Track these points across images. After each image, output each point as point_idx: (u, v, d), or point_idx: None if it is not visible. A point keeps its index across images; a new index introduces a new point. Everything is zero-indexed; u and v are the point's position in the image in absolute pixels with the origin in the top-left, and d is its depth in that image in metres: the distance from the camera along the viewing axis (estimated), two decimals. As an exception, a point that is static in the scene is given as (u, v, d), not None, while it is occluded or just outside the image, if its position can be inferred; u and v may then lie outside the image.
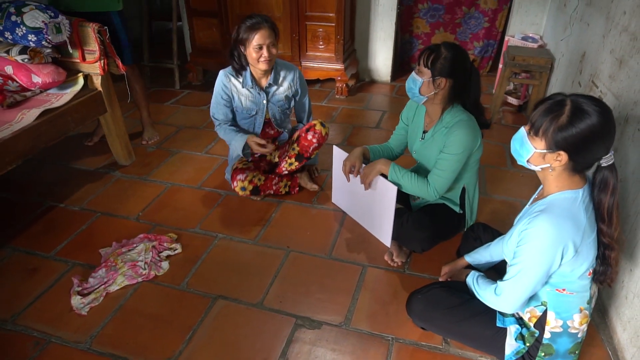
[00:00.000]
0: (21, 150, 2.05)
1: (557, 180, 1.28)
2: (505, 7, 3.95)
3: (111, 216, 2.32)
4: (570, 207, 1.24)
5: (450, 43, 1.74)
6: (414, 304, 1.59)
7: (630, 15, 1.87)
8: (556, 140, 1.18)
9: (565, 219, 1.22)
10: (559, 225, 1.21)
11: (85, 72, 2.40)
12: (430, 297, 1.57)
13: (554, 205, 1.26)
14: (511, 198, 2.46)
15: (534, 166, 1.29)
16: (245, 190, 2.29)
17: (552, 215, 1.23)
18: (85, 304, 1.79)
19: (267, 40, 2.08)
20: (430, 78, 1.73)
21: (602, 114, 1.15)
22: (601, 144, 1.19)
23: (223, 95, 2.25)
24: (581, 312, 1.35)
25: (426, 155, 1.93)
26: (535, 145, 1.24)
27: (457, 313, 1.50)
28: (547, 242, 1.22)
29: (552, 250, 1.22)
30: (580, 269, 1.27)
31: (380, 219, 2.07)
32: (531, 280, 1.28)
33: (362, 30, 3.98)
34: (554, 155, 1.21)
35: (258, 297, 1.85)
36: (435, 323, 1.56)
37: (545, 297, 1.36)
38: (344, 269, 2.00)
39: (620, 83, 1.86)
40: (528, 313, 1.41)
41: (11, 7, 2.08)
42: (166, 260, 2.02)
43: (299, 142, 2.35)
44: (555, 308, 1.35)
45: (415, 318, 1.61)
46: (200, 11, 3.71)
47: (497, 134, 3.17)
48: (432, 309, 1.54)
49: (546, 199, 1.30)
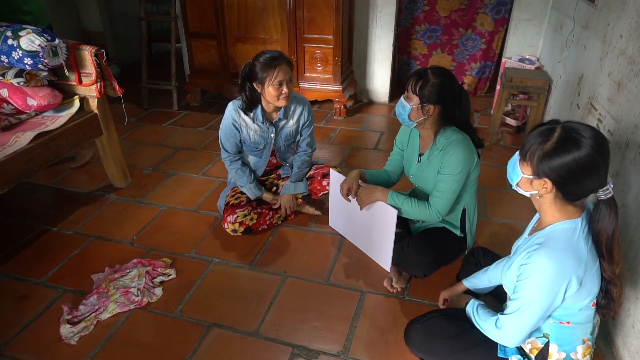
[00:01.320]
0: (14, 174, 2.02)
1: (552, 209, 1.23)
2: (501, 29, 3.99)
3: (105, 240, 2.28)
4: (570, 239, 1.19)
5: (437, 68, 1.73)
6: (413, 334, 1.54)
7: (627, 39, 1.87)
8: (541, 168, 1.14)
9: (566, 253, 1.16)
10: (560, 260, 1.16)
11: (82, 94, 2.39)
12: (429, 326, 1.52)
13: (553, 238, 1.20)
14: (511, 220, 2.43)
15: (523, 191, 1.25)
16: (237, 232, 2.24)
17: (552, 250, 1.17)
18: (74, 332, 1.73)
19: (286, 76, 2.04)
20: (419, 105, 1.72)
21: (593, 146, 1.09)
22: (588, 178, 1.12)
23: (232, 129, 2.20)
24: (584, 344, 1.30)
25: (423, 178, 1.90)
26: (523, 170, 1.20)
27: (457, 343, 1.45)
28: (548, 278, 1.17)
29: (555, 287, 1.17)
30: (583, 302, 1.22)
31: (379, 243, 2.03)
32: (533, 316, 1.23)
33: (360, 52, 4.01)
34: (540, 182, 1.17)
35: (253, 325, 1.79)
36: (434, 353, 1.51)
37: (548, 329, 1.31)
38: (342, 295, 1.95)
39: (620, 106, 1.85)
40: (529, 344, 1.36)
41: (8, 31, 2.08)
42: (160, 286, 1.97)
43: (311, 182, 2.35)
44: (557, 340, 1.30)
45: (414, 349, 1.56)
46: (199, 33, 3.73)
47: (495, 155, 3.16)
48: (431, 339, 1.49)
49: (544, 231, 1.25)
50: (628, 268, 1.60)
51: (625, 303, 1.60)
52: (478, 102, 4.18)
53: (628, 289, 1.59)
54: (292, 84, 2.11)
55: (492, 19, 3.97)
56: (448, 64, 4.27)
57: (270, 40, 3.57)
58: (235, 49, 3.70)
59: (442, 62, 4.28)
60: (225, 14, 3.57)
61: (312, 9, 3.41)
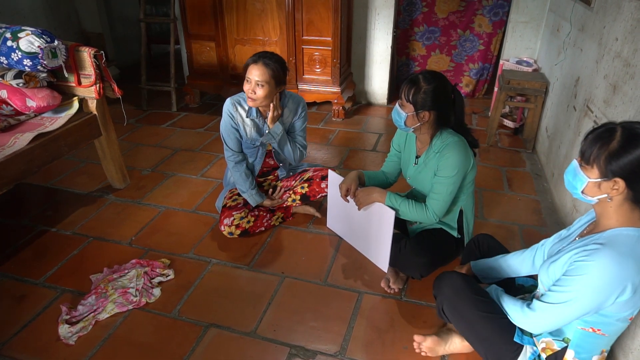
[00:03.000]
0: (13, 175, 2.03)
1: (617, 214, 1.19)
2: (499, 32, 4.01)
3: (103, 241, 2.29)
4: (633, 246, 1.16)
5: (429, 73, 1.74)
6: (448, 280, 1.51)
7: (623, 41, 1.89)
8: (610, 167, 1.13)
9: (628, 258, 1.14)
10: (621, 263, 1.13)
11: (81, 95, 2.40)
12: (463, 277, 1.51)
13: (617, 242, 1.17)
14: (508, 222, 2.44)
15: (590, 197, 1.21)
16: (233, 235, 2.25)
17: (615, 253, 1.14)
18: (73, 333, 1.74)
19: (258, 77, 2.03)
20: (414, 112, 1.73)
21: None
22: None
23: (232, 123, 2.21)
24: (601, 354, 1.29)
25: (421, 180, 1.92)
26: (589, 175, 1.18)
27: (486, 304, 1.44)
28: (606, 279, 1.14)
29: (610, 289, 1.15)
30: (625, 313, 1.20)
31: (377, 244, 2.04)
32: (576, 312, 1.21)
33: (359, 54, 4.02)
34: (610, 183, 1.14)
35: (251, 325, 1.80)
36: (461, 305, 1.47)
37: (571, 335, 1.28)
38: (339, 295, 1.96)
39: (615, 108, 1.86)
40: (543, 343, 1.34)
41: (7, 32, 2.09)
42: (158, 286, 1.98)
43: (310, 184, 2.35)
44: (577, 347, 1.28)
45: (444, 297, 1.51)
46: (198, 35, 3.75)
47: (493, 157, 3.17)
48: (466, 291, 1.46)
49: (605, 234, 1.21)
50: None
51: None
52: (476, 104, 4.20)
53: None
54: (264, 92, 2.06)
55: (489, 20, 3.99)
56: (446, 65, 4.29)
57: (269, 42, 3.58)
58: (234, 50, 3.71)
59: (440, 63, 4.30)
60: (225, 16, 3.58)
61: (311, 11, 3.42)
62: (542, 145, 3.09)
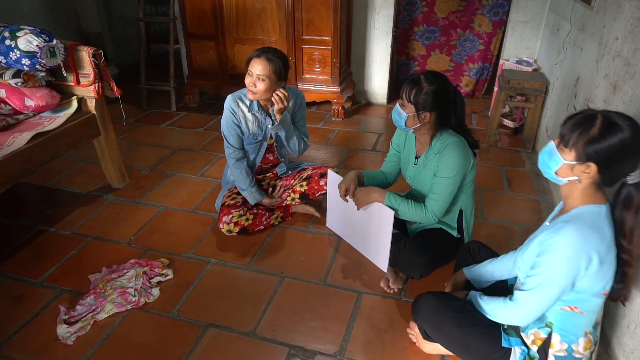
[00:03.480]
0: (11, 174, 2.02)
1: (583, 195, 1.28)
2: (499, 31, 4.00)
3: (102, 241, 2.28)
4: (596, 220, 1.24)
5: (430, 73, 1.73)
6: (424, 303, 1.54)
7: (623, 41, 1.88)
8: (587, 152, 1.20)
9: (591, 230, 1.22)
10: (584, 234, 1.21)
11: (80, 95, 2.40)
12: (441, 298, 1.54)
13: (580, 217, 1.26)
14: (508, 222, 2.44)
15: (561, 178, 1.29)
16: (232, 232, 2.25)
17: (578, 225, 1.23)
18: (71, 332, 1.73)
19: (260, 71, 2.05)
20: (415, 112, 1.73)
21: (633, 128, 1.17)
22: (631, 159, 1.20)
23: (233, 119, 2.21)
24: (586, 336, 1.32)
25: (420, 181, 1.91)
26: (565, 157, 1.25)
27: (465, 319, 1.46)
28: (573, 250, 1.21)
29: (578, 260, 1.21)
30: (597, 286, 1.25)
31: (376, 244, 2.03)
32: (555, 291, 1.26)
33: (359, 53, 4.02)
34: (583, 167, 1.22)
35: (250, 325, 1.80)
36: (442, 326, 1.50)
37: (552, 318, 1.33)
38: (339, 295, 1.95)
39: (615, 108, 1.85)
40: (532, 335, 1.37)
41: (5, 32, 2.08)
42: (157, 286, 1.97)
43: (309, 182, 2.35)
44: (561, 330, 1.32)
45: (422, 319, 1.55)
46: (198, 34, 3.74)
47: (493, 157, 3.16)
48: (442, 311, 1.49)
49: (570, 213, 1.30)
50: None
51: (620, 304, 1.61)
52: (476, 103, 4.19)
53: (623, 289, 1.60)
54: (265, 85, 2.07)
55: (489, 20, 3.99)
56: (446, 64, 4.28)
57: (269, 42, 3.58)
58: (233, 50, 3.71)
59: (440, 63, 4.29)
60: (224, 15, 3.58)
61: (311, 11, 3.42)
62: (542, 145, 3.07)
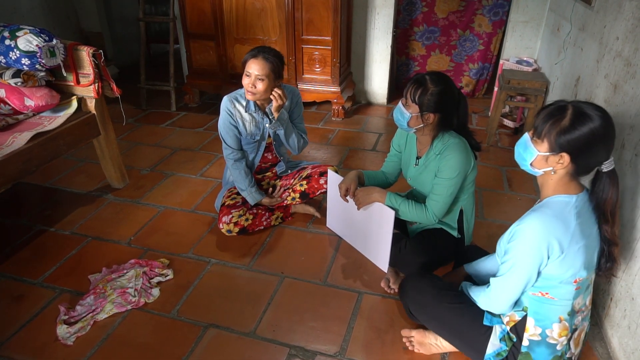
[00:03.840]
0: (11, 174, 2.02)
1: (556, 185, 1.31)
2: (499, 31, 4.00)
3: (102, 241, 2.28)
4: (562, 209, 1.28)
5: (436, 74, 1.72)
6: (409, 284, 1.63)
7: (623, 41, 1.88)
8: (559, 143, 1.23)
9: (553, 218, 1.26)
10: (545, 222, 1.25)
11: (79, 95, 2.39)
12: (424, 278, 1.64)
13: (546, 205, 1.30)
14: (508, 222, 2.41)
15: (536, 169, 1.33)
16: (232, 232, 2.25)
17: (541, 214, 1.27)
18: (71, 333, 1.73)
19: (258, 71, 2.04)
20: (418, 113, 1.72)
21: (603, 118, 1.20)
22: (602, 147, 1.23)
23: (230, 120, 2.20)
24: (561, 323, 1.34)
25: (421, 181, 1.91)
26: (539, 148, 1.28)
27: (448, 295, 1.54)
28: (534, 237, 1.25)
29: (539, 247, 1.25)
30: (565, 274, 1.28)
31: (377, 244, 2.03)
32: (522, 276, 1.31)
33: (359, 53, 4.02)
34: (557, 157, 1.25)
35: (251, 325, 1.79)
36: (426, 304, 1.57)
37: (527, 302, 1.37)
38: (339, 295, 1.95)
39: (616, 108, 1.85)
40: (507, 317, 1.41)
41: (5, 31, 2.08)
42: (157, 286, 1.97)
43: (309, 181, 2.34)
44: (535, 314, 1.36)
45: (407, 298, 1.63)
46: (197, 34, 3.74)
47: (493, 157, 3.16)
48: (425, 290, 1.58)
49: (541, 202, 1.34)
50: (624, 269, 1.61)
51: (621, 304, 1.61)
52: (476, 103, 4.19)
53: (624, 289, 1.60)
54: (264, 85, 2.07)
55: (489, 20, 3.98)
56: (446, 65, 4.28)
57: (269, 42, 3.57)
58: (233, 50, 3.70)
59: (440, 63, 4.29)
60: (224, 15, 3.57)
61: (311, 10, 3.41)
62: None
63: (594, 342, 1.71)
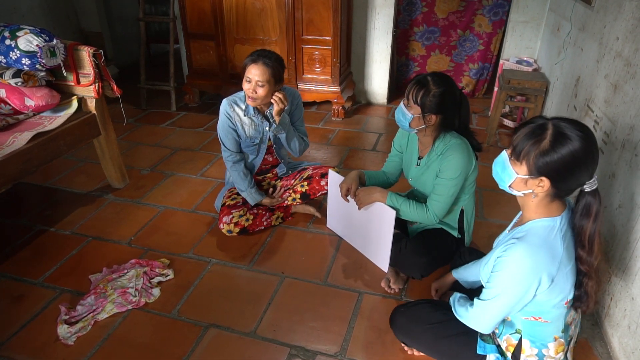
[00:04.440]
0: (11, 174, 2.02)
1: (538, 207, 1.24)
2: (499, 31, 4.00)
3: (102, 241, 2.28)
4: (547, 236, 1.21)
5: (438, 75, 1.71)
6: (397, 318, 1.59)
7: (624, 41, 1.88)
8: (538, 166, 1.15)
9: (541, 250, 1.19)
10: (534, 257, 1.18)
11: (80, 95, 2.39)
12: (413, 311, 1.57)
13: (531, 234, 1.23)
14: (508, 222, 2.40)
15: (516, 192, 1.25)
16: (232, 233, 2.25)
17: (528, 245, 1.20)
18: (72, 333, 1.73)
19: (258, 76, 2.03)
20: (420, 114, 1.72)
21: (585, 139, 1.12)
22: (584, 169, 1.15)
23: (229, 123, 2.20)
24: (556, 341, 1.32)
25: (423, 182, 1.91)
26: (517, 171, 1.20)
27: (439, 330, 1.49)
28: (521, 272, 1.19)
29: (526, 282, 1.20)
30: (555, 299, 1.24)
31: (377, 244, 2.03)
32: (503, 306, 1.27)
33: (359, 53, 4.02)
34: (536, 181, 1.18)
35: (251, 325, 1.80)
36: (417, 338, 1.55)
37: (520, 325, 1.34)
38: (339, 295, 1.95)
39: (616, 108, 1.85)
40: (505, 342, 1.38)
41: (5, 31, 2.08)
42: (157, 286, 1.97)
43: (310, 182, 2.34)
44: (529, 336, 1.33)
45: (398, 332, 1.60)
46: (197, 34, 3.74)
47: (493, 157, 3.10)
48: (414, 324, 1.54)
49: (524, 226, 1.27)
50: (624, 269, 1.61)
51: (621, 304, 1.61)
52: (476, 103, 4.19)
53: (624, 289, 1.60)
54: (265, 90, 2.06)
55: (489, 20, 3.98)
56: (446, 65, 4.28)
57: (269, 42, 3.58)
58: (233, 50, 3.71)
59: (440, 64, 4.29)
60: (224, 15, 3.57)
61: (311, 10, 3.41)
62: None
63: (594, 342, 1.72)
